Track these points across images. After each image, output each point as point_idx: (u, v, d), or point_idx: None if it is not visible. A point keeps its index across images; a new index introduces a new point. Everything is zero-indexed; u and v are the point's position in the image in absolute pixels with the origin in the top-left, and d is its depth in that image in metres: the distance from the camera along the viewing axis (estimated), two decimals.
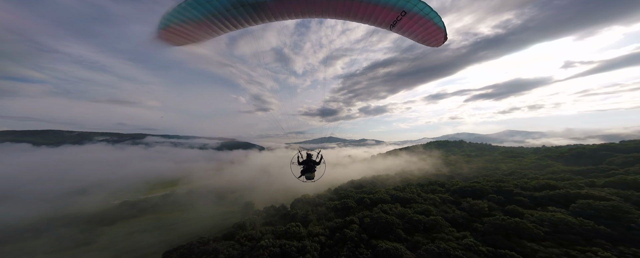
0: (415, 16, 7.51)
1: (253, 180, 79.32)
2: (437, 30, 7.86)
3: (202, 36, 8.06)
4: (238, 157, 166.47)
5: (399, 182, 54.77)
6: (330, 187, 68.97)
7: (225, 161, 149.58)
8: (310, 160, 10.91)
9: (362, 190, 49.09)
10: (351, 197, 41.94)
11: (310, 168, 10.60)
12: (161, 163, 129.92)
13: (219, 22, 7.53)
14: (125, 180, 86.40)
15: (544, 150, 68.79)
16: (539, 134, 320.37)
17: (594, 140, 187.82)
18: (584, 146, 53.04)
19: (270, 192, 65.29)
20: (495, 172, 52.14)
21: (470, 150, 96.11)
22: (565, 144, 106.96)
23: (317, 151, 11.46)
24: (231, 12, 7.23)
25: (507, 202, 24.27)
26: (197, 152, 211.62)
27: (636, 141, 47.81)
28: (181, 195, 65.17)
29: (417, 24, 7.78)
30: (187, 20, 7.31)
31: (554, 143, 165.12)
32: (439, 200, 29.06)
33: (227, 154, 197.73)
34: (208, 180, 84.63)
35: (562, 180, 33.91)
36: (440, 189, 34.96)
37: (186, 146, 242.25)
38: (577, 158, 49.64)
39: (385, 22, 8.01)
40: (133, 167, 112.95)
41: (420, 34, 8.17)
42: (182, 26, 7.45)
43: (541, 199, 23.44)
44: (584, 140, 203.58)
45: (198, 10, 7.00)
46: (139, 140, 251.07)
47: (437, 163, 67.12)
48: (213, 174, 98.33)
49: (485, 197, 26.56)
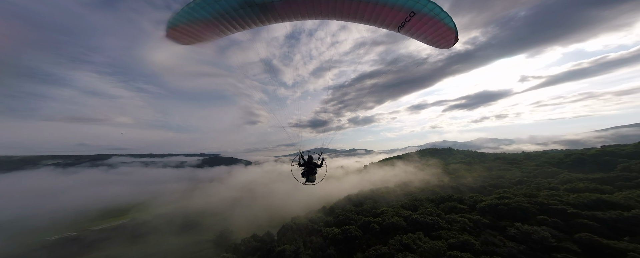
0: (425, 17, 6.96)
1: (234, 201, 67.18)
2: (447, 31, 7.25)
3: (210, 36, 7.95)
4: (220, 175, 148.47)
5: (402, 197, 47.40)
6: (324, 204, 59.47)
7: (203, 180, 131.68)
8: (312, 163, 10.30)
9: (362, 208, 40.78)
10: (352, 220, 33.44)
11: (311, 170, 10.01)
12: (120, 187, 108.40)
13: (227, 22, 7.44)
14: (64, 210, 67.74)
15: (536, 156, 66.79)
16: (508, 141, 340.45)
17: (556, 146, 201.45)
18: (581, 152, 50.85)
19: (254, 215, 54.10)
20: (501, 181, 47.09)
21: (461, 157, 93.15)
22: (534, 150, 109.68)
23: (318, 154, 10.68)
24: (238, 13, 7.12)
25: (568, 226, 17.78)
26: (170, 171, 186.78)
27: (633, 145, 46.25)
28: (140, 224, 51.44)
29: (427, 25, 7.20)
30: (195, 20, 7.22)
31: (524, 149, 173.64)
32: (471, 223, 21.92)
33: (207, 172, 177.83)
34: (177, 204, 70.37)
35: (596, 191, 28.77)
36: (461, 207, 28.00)
37: (160, 165, 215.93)
38: (579, 164, 46.61)
39: (393, 24, 7.47)
40: (78, 194, 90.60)
41: (430, 35, 7.57)
42: (191, 26, 7.38)
43: (611, 222, 17.32)
44: (547, 146, 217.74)
45: (206, 10, 6.93)
46: (101, 161, 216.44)
47: (436, 172, 61.42)
48: (185, 196, 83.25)
49: (532, 218, 19.91)
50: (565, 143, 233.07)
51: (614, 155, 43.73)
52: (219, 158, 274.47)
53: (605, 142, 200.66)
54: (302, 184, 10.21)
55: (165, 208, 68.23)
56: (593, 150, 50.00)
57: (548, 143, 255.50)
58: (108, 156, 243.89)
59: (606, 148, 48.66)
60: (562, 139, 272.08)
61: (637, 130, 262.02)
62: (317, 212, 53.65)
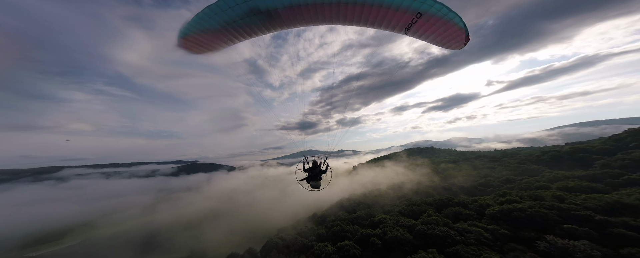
0: (433, 18, 6.66)
1: (211, 212, 58.50)
2: (457, 31, 6.89)
3: (219, 45, 8.03)
4: (197, 183, 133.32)
5: (396, 200, 44.23)
6: (315, 211, 54.19)
7: (178, 189, 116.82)
8: (316, 168, 10.00)
9: (356, 216, 36.49)
10: (348, 232, 28.84)
11: (316, 176, 9.67)
12: (68, 204, 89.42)
13: (234, 30, 7.48)
14: None
15: (513, 153, 69.30)
16: (478, 140, 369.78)
17: (518, 143, 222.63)
18: (557, 149, 52.89)
19: (234, 228, 46.71)
20: (490, 179, 46.43)
21: (444, 156, 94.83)
22: (501, 148, 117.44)
23: (323, 159, 10.46)
24: (245, 21, 7.16)
25: (604, 238, 15.09)
26: (136, 182, 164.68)
27: (600, 142, 48.95)
28: (90, 245, 41.04)
29: (435, 26, 6.88)
30: (205, 30, 7.30)
31: (492, 146, 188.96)
32: (488, 235, 18.59)
33: (183, 180, 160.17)
34: (139, 220, 59.24)
35: (590, 190, 27.77)
36: (467, 213, 24.96)
37: (125, 176, 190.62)
38: (557, 161, 48.00)
39: (399, 26, 7.24)
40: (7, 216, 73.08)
41: (439, 36, 7.20)
42: (201, 35, 7.44)
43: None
44: (511, 143, 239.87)
45: (215, 19, 7.01)
46: (49, 175, 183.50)
47: (426, 172, 59.95)
48: (150, 210, 71.21)
49: (558, 228, 17.10)
50: (525, 141, 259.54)
51: (587, 152, 45.53)
52: (197, 165, 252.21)
53: (555, 140, 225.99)
54: (306, 191, 9.97)
55: (124, 225, 56.93)
56: (567, 147, 52.22)
57: (511, 141, 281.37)
58: (59, 168, 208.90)
59: (578, 146, 51.00)
60: (522, 138, 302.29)
61: (576, 129, 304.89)
62: (307, 221, 48.13)
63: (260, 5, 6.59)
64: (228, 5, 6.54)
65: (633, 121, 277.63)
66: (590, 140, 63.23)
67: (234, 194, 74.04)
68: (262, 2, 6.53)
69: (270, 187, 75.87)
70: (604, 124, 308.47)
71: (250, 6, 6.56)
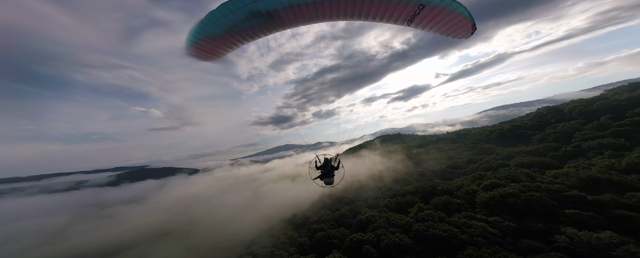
0: (436, 8, 6.47)
1: (159, 228, 45.65)
2: (463, 20, 6.66)
3: (224, 50, 7.99)
4: (145, 192, 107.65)
5: (377, 191, 42.19)
6: (295, 212, 48.28)
7: (115, 202, 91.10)
8: (328, 165, 9.91)
9: (340, 214, 32.41)
10: (334, 238, 24.26)
11: (328, 173, 9.66)
12: None
13: (237, 34, 7.41)
14: None
15: (465, 134, 77.73)
16: (432, 125, 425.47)
17: (460, 126, 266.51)
18: (501, 128, 60.17)
19: (192, 244, 36.82)
20: (456, 161, 49.21)
21: (410, 141, 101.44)
22: (450, 130, 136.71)
23: (334, 156, 10.35)
24: (247, 24, 7.05)
25: (610, 222, 14.04)
26: (46, 199, 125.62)
27: (529, 118, 57.52)
28: None
29: (439, 17, 6.68)
30: (209, 36, 7.28)
31: (443, 130, 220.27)
32: (495, 230, 16.37)
33: (124, 190, 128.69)
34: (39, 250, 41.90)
35: (543, 165, 30.01)
36: (457, 202, 23.22)
37: (33, 191, 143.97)
38: (503, 138, 54.37)
39: (401, 19, 7.07)
40: None
41: (443, 27, 7.04)
42: (207, 42, 7.44)
43: None
44: (455, 126, 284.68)
45: (218, 25, 7.00)
46: None
47: (400, 158, 60.83)
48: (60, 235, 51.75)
49: (561, 214, 15.79)
50: (464, 123, 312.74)
51: (523, 128, 52.68)
52: (146, 171, 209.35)
53: (485, 121, 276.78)
54: (321, 187, 10.10)
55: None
56: (507, 125, 59.92)
57: (455, 124, 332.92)
58: None
59: (515, 123, 59.03)
60: (462, 121, 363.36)
61: (495, 112, 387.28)
62: (285, 225, 41.93)
63: (260, 8, 6.61)
64: (229, 9, 6.56)
65: (528, 104, 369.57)
66: (515, 119, 75.80)
67: (194, 202, 60.12)
68: (263, 5, 6.54)
69: (240, 189, 65.69)
70: (511, 107, 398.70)
71: (251, 9, 6.59)
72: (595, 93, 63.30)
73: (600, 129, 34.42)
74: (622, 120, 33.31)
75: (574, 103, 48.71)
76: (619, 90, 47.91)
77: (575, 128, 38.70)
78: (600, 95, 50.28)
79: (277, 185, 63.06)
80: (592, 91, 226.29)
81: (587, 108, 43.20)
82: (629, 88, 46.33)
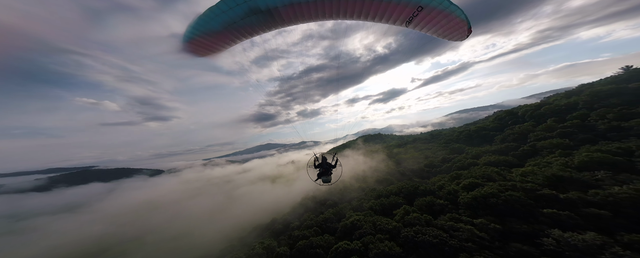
0: (434, 10, 6.62)
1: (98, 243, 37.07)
2: (459, 23, 6.83)
3: (222, 46, 7.81)
4: (86, 198, 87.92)
5: (361, 193, 41.25)
6: (274, 216, 44.44)
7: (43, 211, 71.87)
8: (326, 163, 9.98)
9: (324, 218, 30.21)
10: (319, 247, 21.96)
11: (326, 171, 9.69)
12: None
13: (236, 31, 7.30)
14: None
15: (437, 134, 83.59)
16: (407, 126, 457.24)
17: (431, 127, 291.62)
18: (468, 129, 65.66)
19: None
20: (431, 160, 51.61)
21: (390, 141, 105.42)
22: (423, 131, 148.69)
23: (332, 154, 10.53)
24: (246, 21, 6.99)
25: (587, 222, 14.45)
26: None
27: (490, 120, 63.96)
28: None
29: (436, 19, 6.83)
30: (207, 32, 7.12)
31: (417, 131, 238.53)
32: (483, 234, 15.91)
33: (55, 197, 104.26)
34: None
35: (507, 164, 32.31)
36: (441, 203, 22.98)
37: None
38: (469, 138, 59.23)
39: (400, 19, 7.12)
40: None
41: (440, 29, 7.16)
42: (204, 38, 7.29)
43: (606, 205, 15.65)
44: (427, 127, 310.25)
45: (216, 21, 6.85)
46: None
47: (382, 158, 61.62)
48: None
49: (540, 214, 16.02)
50: (435, 125, 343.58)
51: (486, 129, 58.06)
52: (91, 173, 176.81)
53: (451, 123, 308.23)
54: (319, 185, 10.12)
55: None
56: (473, 126, 65.70)
57: (427, 125, 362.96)
58: None
59: (479, 125, 64.96)
60: (433, 122, 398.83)
61: (458, 115, 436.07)
62: (263, 232, 38.13)
63: (260, 5, 6.54)
64: (229, 6, 6.50)
65: (484, 108, 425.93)
66: (477, 121, 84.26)
67: (150, 209, 49.83)
68: (263, 2, 6.46)
69: (211, 193, 58.54)
70: (471, 111, 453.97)
71: (251, 6, 6.54)
72: (532, 101, 73.47)
73: (549, 130, 39.00)
74: (564, 123, 38.29)
75: (526, 107, 55.24)
76: (558, 97, 55.99)
77: (529, 129, 43.39)
78: (545, 100, 58.19)
79: (255, 187, 57.88)
80: (529, 99, 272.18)
81: (537, 112, 49.16)
82: (565, 95, 54.32)
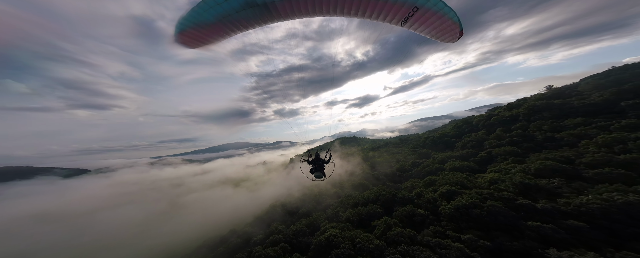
0: (429, 12, 6.78)
1: None
2: (452, 25, 7.02)
3: (215, 39, 7.66)
4: None
5: (336, 199, 37.93)
6: (233, 227, 36.98)
7: None
8: (319, 159, 10.04)
9: (296, 230, 25.40)
10: None
11: (319, 167, 9.73)
12: None
13: (230, 24, 7.15)
14: None
15: (405, 139, 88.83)
16: (379, 131, 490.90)
17: (398, 133, 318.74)
18: (433, 135, 70.89)
19: None
20: (402, 164, 52.62)
21: (364, 144, 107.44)
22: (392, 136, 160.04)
23: (325, 151, 10.50)
24: (241, 14, 6.85)
25: (574, 237, 13.86)
26: None
27: (449, 128, 70.52)
28: None
29: (430, 20, 7.01)
30: (200, 24, 6.97)
31: (386, 135, 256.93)
32: (476, 254, 13.93)
33: None
34: None
35: (470, 169, 33.83)
36: (422, 213, 21.13)
37: None
38: (434, 144, 63.54)
39: (396, 19, 7.23)
40: None
41: (434, 30, 7.36)
42: (197, 30, 7.12)
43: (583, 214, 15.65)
44: (394, 132, 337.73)
45: (210, 13, 6.69)
46: None
47: (357, 161, 60.32)
48: None
49: (521, 226, 15.02)
50: (401, 131, 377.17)
51: (447, 136, 63.30)
52: None
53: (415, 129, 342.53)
54: (311, 181, 9.85)
55: None
56: (437, 133, 71.24)
57: (395, 130, 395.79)
58: None
59: (441, 131, 70.87)
60: (399, 128, 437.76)
61: (419, 122, 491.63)
62: (212, 250, 30.81)
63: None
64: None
65: (439, 118, 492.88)
66: (437, 128, 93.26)
67: (47, 222, 34.00)
68: None
69: (150, 199, 46.75)
70: (429, 120, 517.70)
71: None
72: (474, 113, 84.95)
73: (499, 138, 43.65)
74: (511, 132, 43.45)
75: (479, 117, 62.26)
76: (502, 109, 65.15)
77: (483, 138, 48.11)
78: (490, 112, 67.05)
79: (213, 192, 48.57)
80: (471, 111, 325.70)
81: (487, 121, 55.56)
82: (507, 108, 63.48)
